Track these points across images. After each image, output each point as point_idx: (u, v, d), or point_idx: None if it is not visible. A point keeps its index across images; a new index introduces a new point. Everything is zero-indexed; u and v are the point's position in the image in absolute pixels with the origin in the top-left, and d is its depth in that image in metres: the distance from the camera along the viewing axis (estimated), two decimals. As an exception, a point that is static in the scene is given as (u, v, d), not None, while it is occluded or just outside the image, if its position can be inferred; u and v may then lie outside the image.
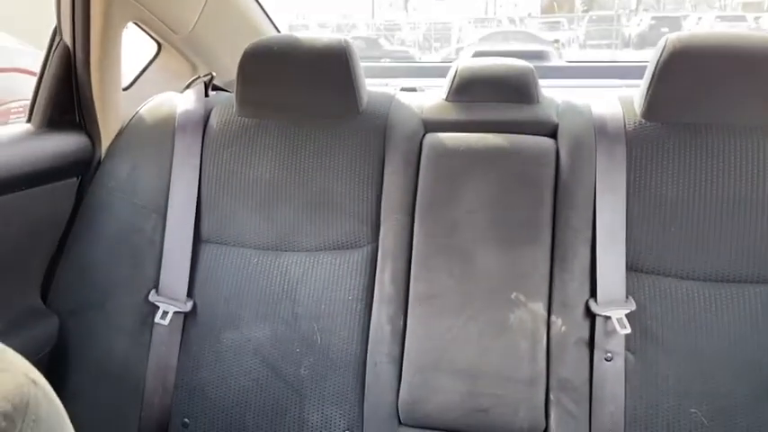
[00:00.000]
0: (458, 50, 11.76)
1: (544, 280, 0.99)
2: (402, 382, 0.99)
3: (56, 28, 1.11)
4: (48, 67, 1.11)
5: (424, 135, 1.10)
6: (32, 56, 2.45)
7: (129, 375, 1.06)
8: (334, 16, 18.52)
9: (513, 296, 0.98)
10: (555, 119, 1.10)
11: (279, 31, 1.52)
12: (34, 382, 0.31)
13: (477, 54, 2.28)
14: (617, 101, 1.08)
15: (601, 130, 1.03)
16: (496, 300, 0.99)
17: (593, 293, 0.98)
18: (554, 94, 1.17)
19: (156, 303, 1.06)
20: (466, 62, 1.17)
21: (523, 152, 1.05)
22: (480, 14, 20.28)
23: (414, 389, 0.98)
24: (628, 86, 1.28)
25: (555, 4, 20.24)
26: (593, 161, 1.02)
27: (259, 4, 1.46)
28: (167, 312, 1.05)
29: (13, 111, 2.34)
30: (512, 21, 18.24)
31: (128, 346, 1.07)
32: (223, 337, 1.06)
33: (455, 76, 1.14)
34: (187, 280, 1.08)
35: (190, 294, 1.08)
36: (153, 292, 1.07)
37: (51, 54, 1.11)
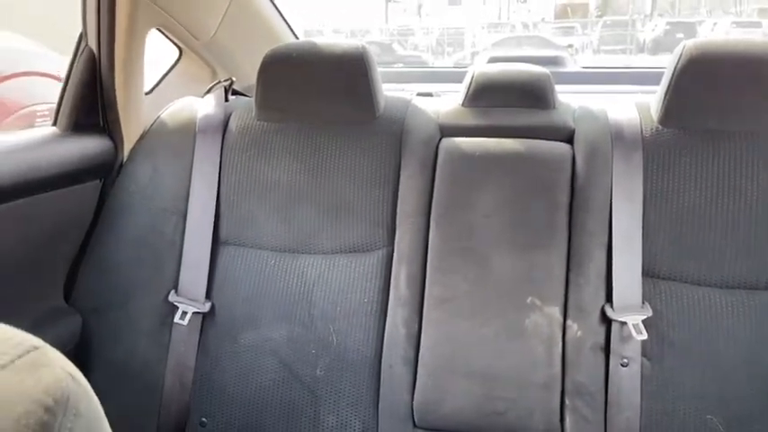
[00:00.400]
0: (473, 55, 11.77)
1: (560, 284, 0.99)
2: (417, 384, 1.00)
3: (82, 33, 1.14)
4: (73, 71, 1.13)
5: (440, 140, 1.11)
6: (49, 59, 2.48)
7: (149, 374, 1.07)
8: (349, 22, 18.60)
9: (528, 300, 0.98)
10: (571, 124, 1.10)
11: (297, 38, 1.54)
12: (73, 377, 0.31)
13: (493, 60, 2.27)
14: (633, 107, 1.08)
15: (617, 136, 1.03)
16: (512, 304, 0.99)
17: (609, 298, 0.98)
18: (569, 99, 1.17)
19: (176, 304, 1.07)
20: (482, 68, 1.17)
21: (540, 157, 1.05)
22: (494, 19, 20.25)
23: (429, 391, 0.99)
24: (643, 92, 1.28)
25: (569, 9, 20.15)
26: (609, 167, 1.02)
27: (278, 10, 1.48)
28: (186, 313, 1.07)
29: (38, 114, 2.37)
30: (525, 26, 18.18)
31: (147, 346, 1.08)
32: (241, 337, 1.07)
33: (471, 81, 1.14)
34: (206, 281, 1.09)
35: (208, 295, 1.09)
36: (172, 292, 1.09)
37: (77, 59, 1.13)
